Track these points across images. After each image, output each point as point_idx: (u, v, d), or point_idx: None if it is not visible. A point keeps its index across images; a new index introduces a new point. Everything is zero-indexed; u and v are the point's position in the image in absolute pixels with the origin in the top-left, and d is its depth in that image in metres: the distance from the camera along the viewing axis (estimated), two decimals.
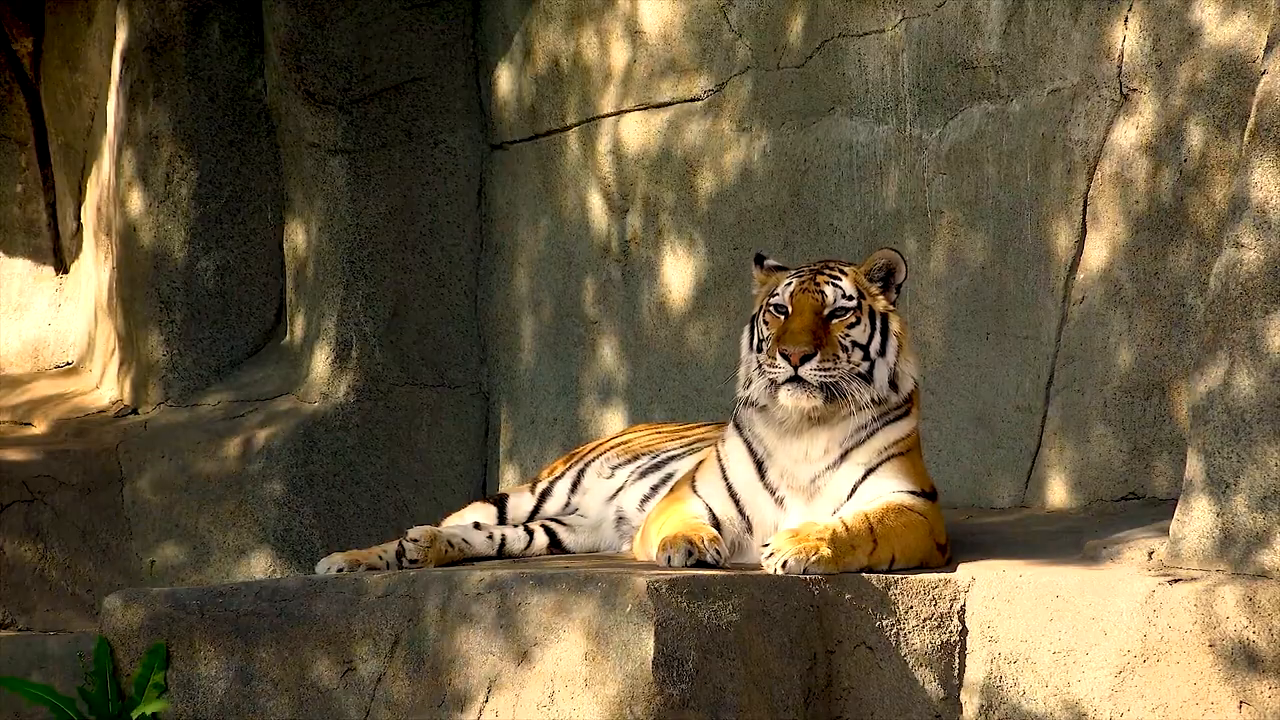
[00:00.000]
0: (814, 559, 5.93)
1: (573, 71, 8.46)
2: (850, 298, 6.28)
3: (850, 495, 6.22)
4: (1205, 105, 6.88)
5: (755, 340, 6.35)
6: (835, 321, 6.25)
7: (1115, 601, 5.70)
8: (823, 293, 6.28)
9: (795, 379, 6.18)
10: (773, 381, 6.21)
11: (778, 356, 6.19)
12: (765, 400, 6.27)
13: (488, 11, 8.76)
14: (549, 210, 8.57)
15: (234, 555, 8.45)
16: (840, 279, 6.31)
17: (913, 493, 6.22)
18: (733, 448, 6.39)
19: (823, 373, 6.17)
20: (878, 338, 6.27)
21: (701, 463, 6.53)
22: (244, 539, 8.45)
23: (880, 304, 6.31)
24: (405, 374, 8.67)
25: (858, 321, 6.26)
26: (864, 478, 6.24)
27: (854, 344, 6.23)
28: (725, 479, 6.38)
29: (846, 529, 6.04)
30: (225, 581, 8.12)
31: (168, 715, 6.28)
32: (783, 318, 6.28)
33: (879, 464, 6.25)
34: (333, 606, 6.13)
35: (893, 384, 6.28)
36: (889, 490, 6.21)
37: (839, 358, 6.20)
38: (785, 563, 5.93)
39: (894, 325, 6.29)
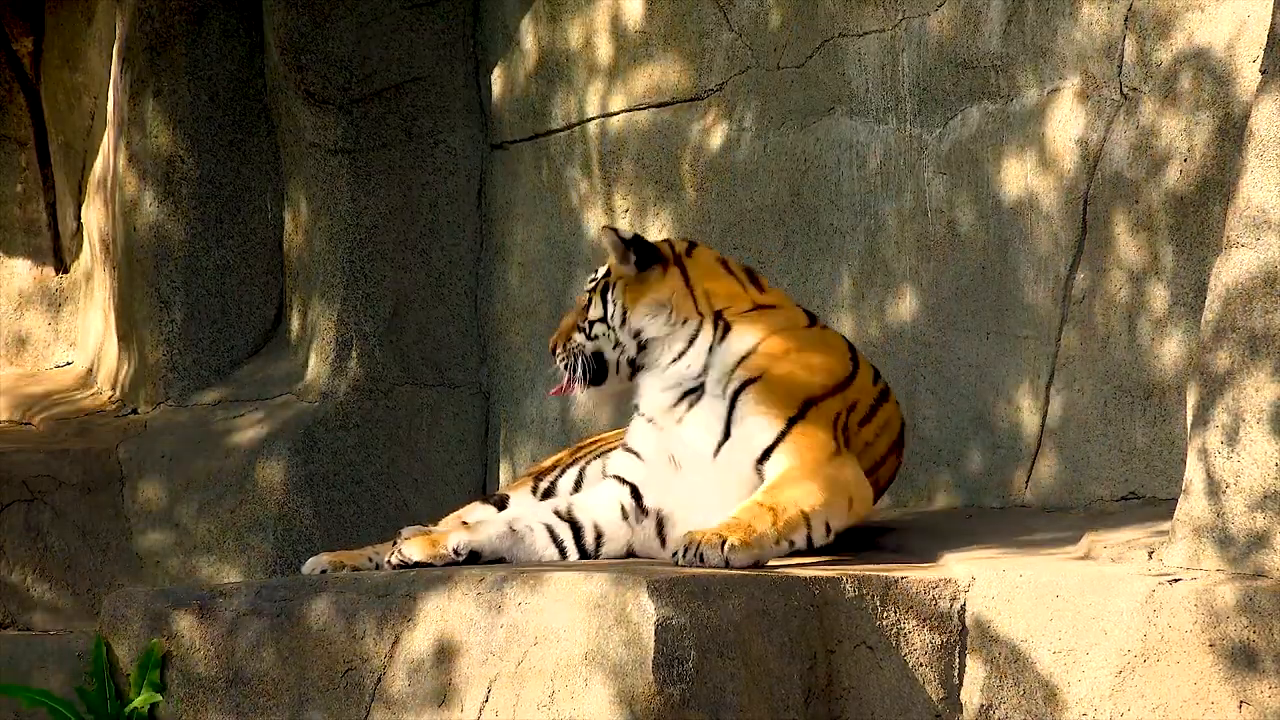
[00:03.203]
0: (729, 547, 6.06)
1: (572, 71, 8.46)
2: (593, 280, 6.85)
3: (727, 432, 6.49)
4: (1205, 105, 6.88)
5: None
6: (580, 310, 6.84)
7: (1115, 601, 5.70)
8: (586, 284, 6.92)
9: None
10: None
11: None
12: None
13: (488, 11, 8.76)
14: (549, 210, 8.57)
15: (234, 555, 8.45)
16: (599, 268, 6.89)
17: (781, 434, 6.42)
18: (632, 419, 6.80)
19: (560, 360, 6.84)
20: (610, 306, 6.74)
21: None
22: (244, 539, 8.44)
23: (615, 277, 6.77)
24: (405, 374, 8.67)
25: (589, 302, 6.80)
26: (731, 408, 6.50)
27: (591, 321, 6.76)
28: (625, 445, 6.69)
29: (736, 518, 6.20)
30: (225, 581, 8.12)
31: (165, 714, 6.28)
32: None
33: (735, 401, 6.50)
34: (332, 606, 6.14)
35: (636, 336, 6.70)
36: (753, 441, 6.43)
37: (571, 339, 6.80)
38: (701, 553, 6.06)
39: (617, 292, 6.75)
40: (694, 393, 6.56)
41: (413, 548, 6.45)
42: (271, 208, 8.92)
